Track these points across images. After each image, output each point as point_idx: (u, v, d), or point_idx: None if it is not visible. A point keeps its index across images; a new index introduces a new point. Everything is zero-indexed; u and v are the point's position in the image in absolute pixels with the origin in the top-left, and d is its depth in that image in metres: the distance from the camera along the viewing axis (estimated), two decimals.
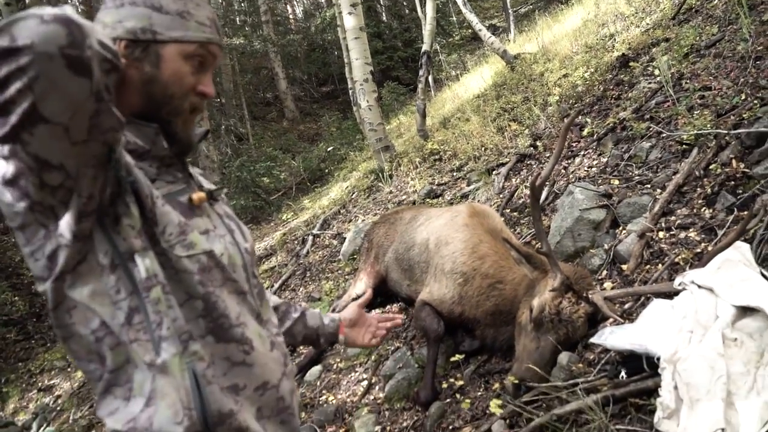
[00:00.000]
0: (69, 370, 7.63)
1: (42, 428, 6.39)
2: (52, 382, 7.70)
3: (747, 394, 1.75)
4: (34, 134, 0.84)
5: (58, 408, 6.70)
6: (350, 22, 7.57)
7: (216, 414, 1.06)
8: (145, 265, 1.02)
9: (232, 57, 16.91)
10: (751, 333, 1.92)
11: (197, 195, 1.17)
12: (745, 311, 1.97)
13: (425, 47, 8.05)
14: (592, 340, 2.32)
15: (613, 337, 2.22)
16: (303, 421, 3.47)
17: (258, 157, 13.01)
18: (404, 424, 3.08)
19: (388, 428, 3.13)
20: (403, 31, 19.45)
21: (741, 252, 2.22)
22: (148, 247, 1.04)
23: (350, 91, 8.31)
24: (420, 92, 7.98)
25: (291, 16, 25.09)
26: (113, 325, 1.02)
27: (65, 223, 0.95)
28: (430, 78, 14.18)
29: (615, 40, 6.68)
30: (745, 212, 2.74)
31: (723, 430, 1.67)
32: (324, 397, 3.73)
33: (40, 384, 7.77)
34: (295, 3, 25.75)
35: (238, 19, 21.92)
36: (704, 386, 1.79)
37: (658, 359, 1.98)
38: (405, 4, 21.30)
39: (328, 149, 13.53)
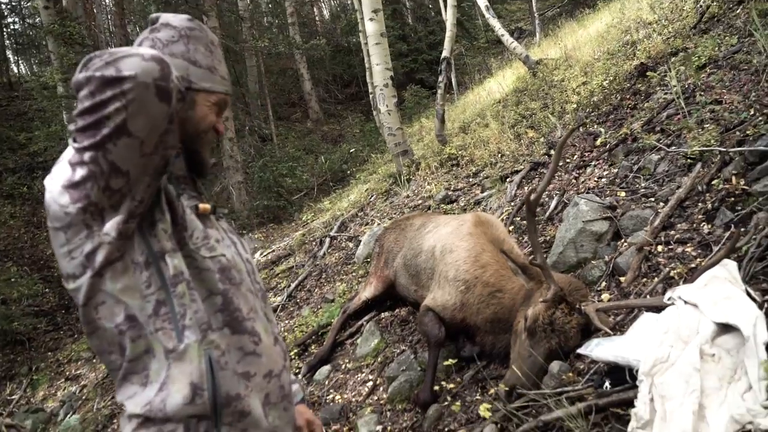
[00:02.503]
0: (94, 361, 7.91)
1: (68, 416, 6.67)
2: (78, 372, 8.00)
3: (718, 408, 1.83)
4: (117, 144, 1.06)
5: (84, 397, 6.98)
6: (371, 27, 7.69)
7: (225, 396, 1.23)
8: (173, 263, 1.21)
9: (258, 58, 17.19)
10: (728, 349, 1.99)
11: (203, 205, 1.37)
12: (725, 328, 2.05)
13: (445, 53, 8.15)
14: (579, 351, 2.41)
15: (598, 348, 2.31)
16: None
17: (281, 158, 13.21)
18: (404, 425, 3.20)
19: (389, 428, 3.25)
20: (428, 34, 19.45)
21: (728, 269, 2.29)
22: (177, 249, 1.24)
23: (370, 96, 8.40)
24: (439, 97, 8.06)
25: (317, 18, 25.33)
26: (140, 317, 1.19)
27: (113, 223, 1.13)
28: (454, 81, 14.24)
29: (636, 47, 6.60)
30: (741, 229, 2.79)
31: None
32: (331, 396, 3.87)
33: (67, 373, 8.08)
34: (321, 4, 25.97)
35: (265, 20, 22.23)
36: (678, 399, 1.87)
37: (637, 371, 2.06)
38: (430, 7, 21.36)
39: (351, 150, 13.68)
